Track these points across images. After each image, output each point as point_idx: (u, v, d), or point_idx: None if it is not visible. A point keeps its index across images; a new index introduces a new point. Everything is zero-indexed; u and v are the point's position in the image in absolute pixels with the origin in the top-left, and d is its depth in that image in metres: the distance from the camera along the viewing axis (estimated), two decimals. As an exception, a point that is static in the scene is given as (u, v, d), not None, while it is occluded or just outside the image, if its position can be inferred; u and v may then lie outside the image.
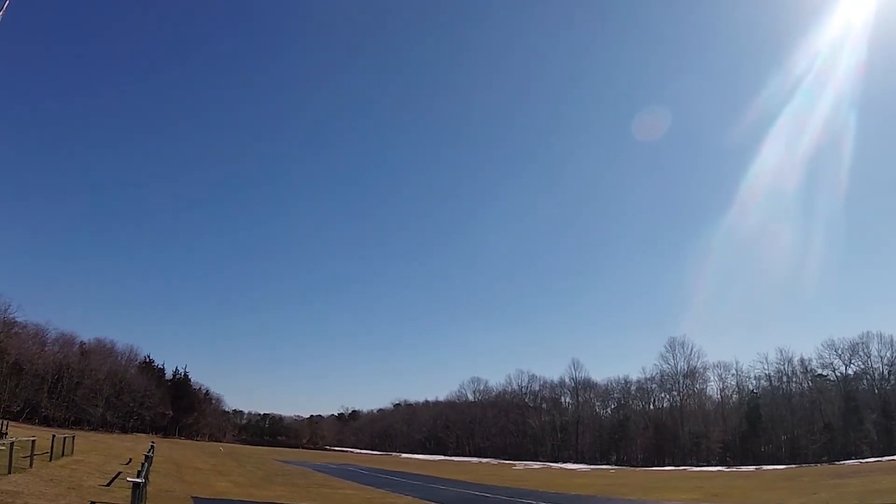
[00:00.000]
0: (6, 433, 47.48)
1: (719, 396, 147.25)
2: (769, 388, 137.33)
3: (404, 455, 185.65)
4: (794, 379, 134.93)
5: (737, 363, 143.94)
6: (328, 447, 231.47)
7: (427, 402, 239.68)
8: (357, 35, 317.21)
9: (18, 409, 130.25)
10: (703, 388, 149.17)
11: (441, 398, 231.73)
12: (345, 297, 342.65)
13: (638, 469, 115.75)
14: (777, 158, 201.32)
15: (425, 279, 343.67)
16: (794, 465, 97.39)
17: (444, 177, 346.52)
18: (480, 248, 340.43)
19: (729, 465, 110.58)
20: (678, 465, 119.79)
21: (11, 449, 30.90)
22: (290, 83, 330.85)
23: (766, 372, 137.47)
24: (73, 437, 55.50)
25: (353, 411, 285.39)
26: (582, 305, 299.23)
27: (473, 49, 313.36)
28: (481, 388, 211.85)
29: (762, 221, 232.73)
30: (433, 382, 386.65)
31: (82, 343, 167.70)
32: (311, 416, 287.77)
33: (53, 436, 44.56)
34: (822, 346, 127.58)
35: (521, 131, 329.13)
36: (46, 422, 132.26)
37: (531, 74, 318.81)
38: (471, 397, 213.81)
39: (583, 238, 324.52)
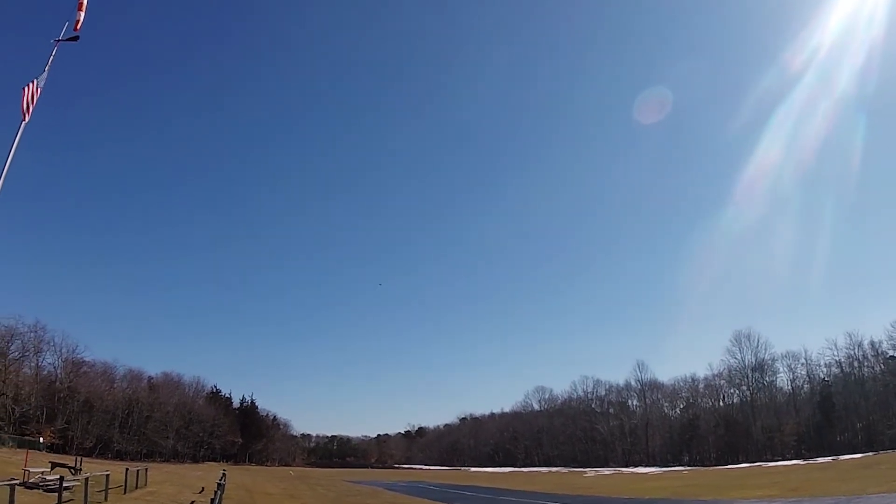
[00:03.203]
0: (80, 468, 48.47)
1: (790, 388, 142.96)
2: (840, 374, 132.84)
3: (473, 469, 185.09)
4: (865, 363, 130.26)
5: (805, 352, 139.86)
6: (396, 465, 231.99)
7: (493, 414, 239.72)
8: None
9: (91, 444, 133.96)
10: (772, 381, 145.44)
11: (506, 409, 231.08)
12: (406, 315, 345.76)
13: (711, 468, 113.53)
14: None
15: (481, 290, 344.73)
16: (871, 453, 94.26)
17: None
18: (533, 256, 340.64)
19: (804, 458, 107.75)
20: (752, 462, 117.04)
21: (86, 484, 31.54)
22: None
23: (837, 358, 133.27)
24: (146, 469, 56.35)
25: (420, 428, 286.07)
26: (642, 305, 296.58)
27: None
28: (546, 396, 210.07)
29: (816, 204, 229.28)
30: (497, 394, 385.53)
31: (150, 378, 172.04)
32: (378, 435, 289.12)
33: (127, 469, 45.38)
34: (892, 325, 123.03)
35: (568, 116, 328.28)
36: (119, 456, 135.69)
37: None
38: (536, 407, 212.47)
39: (633, 237, 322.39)
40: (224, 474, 60.41)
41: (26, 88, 19.87)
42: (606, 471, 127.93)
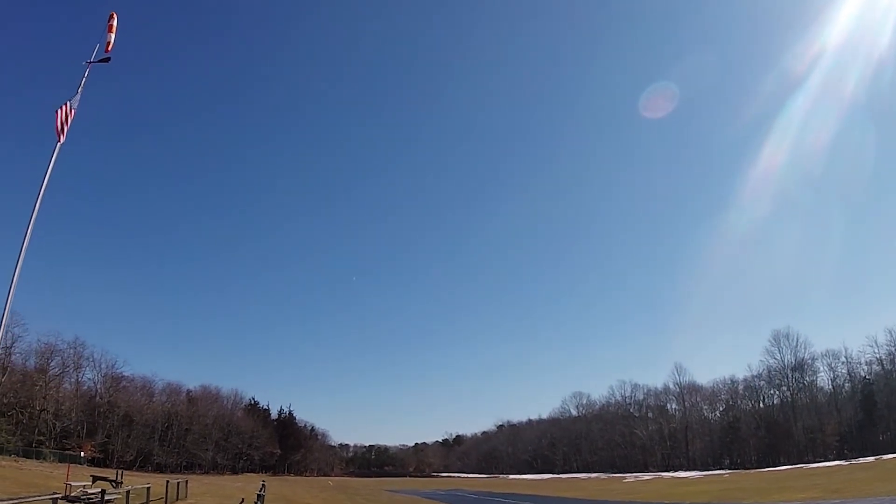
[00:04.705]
0: (121, 482, 48.98)
1: (831, 387, 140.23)
2: (882, 372, 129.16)
3: (512, 476, 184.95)
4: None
5: (846, 350, 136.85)
6: (435, 474, 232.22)
7: (530, 420, 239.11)
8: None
9: (132, 458, 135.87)
10: (813, 380, 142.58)
11: (544, 416, 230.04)
12: (441, 323, 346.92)
13: (752, 471, 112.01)
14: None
15: (516, 297, 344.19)
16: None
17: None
18: (566, 260, 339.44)
19: (847, 458, 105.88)
20: (794, 463, 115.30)
21: (128, 497, 32.01)
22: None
23: (877, 356, 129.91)
24: (186, 481, 56.78)
25: (458, 436, 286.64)
26: (677, 307, 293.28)
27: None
28: (584, 402, 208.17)
29: (853, 197, 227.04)
30: (535, 400, 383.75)
31: (189, 391, 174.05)
32: (416, 444, 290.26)
33: (167, 481, 45.76)
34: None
35: (577, 116, 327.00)
36: (159, 469, 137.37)
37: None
38: (574, 412, 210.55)
39: (667, 236, 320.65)
40: (263, 485, 60.65)
41: (60, 111, 20.25)
42: (646, 476, 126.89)
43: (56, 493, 25.94)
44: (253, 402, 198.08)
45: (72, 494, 34.94)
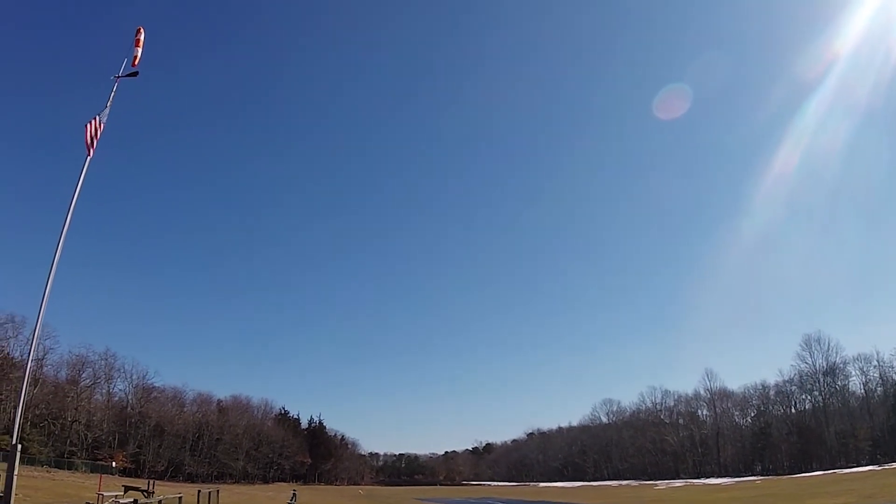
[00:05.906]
0: (153, 492, 49.51)
1: (863, 391, 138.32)
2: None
3: (542, 484, 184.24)
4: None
5: (877, 354, 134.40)
6: (465, 482, 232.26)
7: (560, 428, 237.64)
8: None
9: (163, 468, 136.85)
10: (845, 385, 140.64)
11: (574, 423, 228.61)
12: (471, 333, 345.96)
13: (785, 477, 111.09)
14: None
15: (544, 305, 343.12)
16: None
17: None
18: (598, 268, 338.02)
19: (880, 464, 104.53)
20: (826, 469, 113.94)
21: (161, 507, 32.37)
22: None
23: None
24: (217, 490, 57.39)
25: (487, 444, 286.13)
26: (703, 311, 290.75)
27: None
28: (614, 409, 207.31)
29: (865, 201, 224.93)
30: (565, 408, 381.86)
31: (219, 401, 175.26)
32: (446, 452, 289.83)
33: (199, 491, 46.30)
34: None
35: (595, 120, 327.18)
36: (190, 478, 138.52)
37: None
38: (604, 419, 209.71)
39: (686, 239, 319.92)
40: (294, 494, 61.38)
41: (89, 125, 20.65)
42: (678, 483, 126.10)
43: (89, 503, 26.35)
44: (283, 411, 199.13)
45: (104, 504, 35.45)
